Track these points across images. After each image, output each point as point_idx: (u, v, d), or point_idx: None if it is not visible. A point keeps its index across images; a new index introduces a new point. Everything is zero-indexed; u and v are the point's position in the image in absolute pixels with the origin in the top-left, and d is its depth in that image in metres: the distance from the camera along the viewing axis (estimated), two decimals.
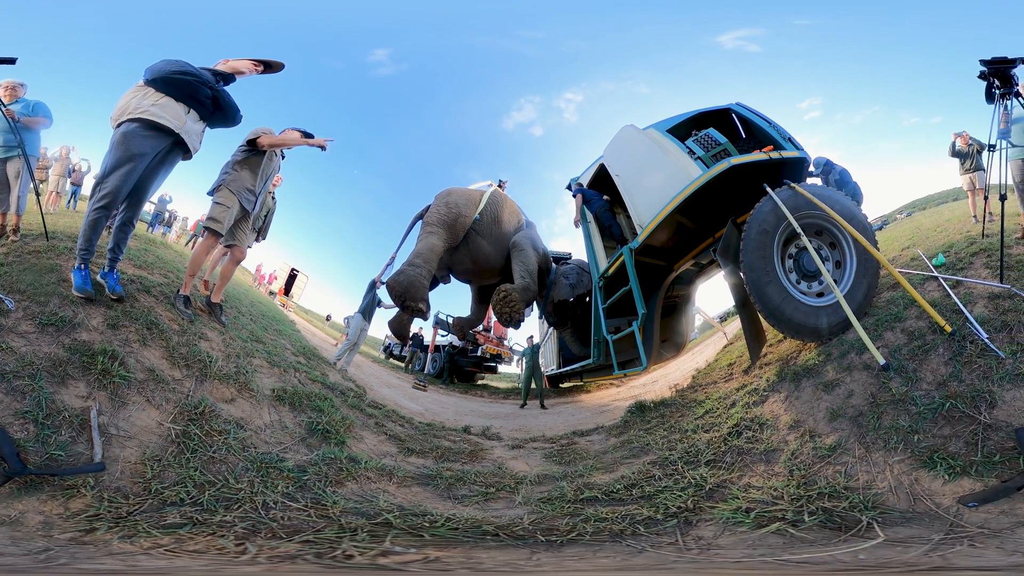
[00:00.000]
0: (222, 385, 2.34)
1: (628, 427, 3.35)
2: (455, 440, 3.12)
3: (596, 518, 1.75)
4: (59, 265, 2.55)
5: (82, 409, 1.75)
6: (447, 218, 4.85)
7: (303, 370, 3.29)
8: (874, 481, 1.78)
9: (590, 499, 2.00)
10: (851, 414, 2.23)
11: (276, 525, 1.53)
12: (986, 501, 1.45)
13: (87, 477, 1.53)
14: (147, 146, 2.18)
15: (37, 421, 1.63)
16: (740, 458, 2.24)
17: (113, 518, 1.42)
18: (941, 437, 1.86)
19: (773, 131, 3.49)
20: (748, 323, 3.46)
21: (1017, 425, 1.71)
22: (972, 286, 2.54)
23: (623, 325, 4.27)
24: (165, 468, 1.71)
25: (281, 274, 12.12)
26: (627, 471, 2.34)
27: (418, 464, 2.47)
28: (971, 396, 1.91)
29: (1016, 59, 2.36)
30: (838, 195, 3.11)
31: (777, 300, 3.04)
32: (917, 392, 2.10)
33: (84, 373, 1.89)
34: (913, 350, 2.32)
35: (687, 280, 4.74)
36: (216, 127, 2.58)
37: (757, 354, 3.43)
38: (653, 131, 4.02)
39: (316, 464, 2.03)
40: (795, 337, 3.08)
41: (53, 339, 1.98)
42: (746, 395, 2.99)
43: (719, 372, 3.87)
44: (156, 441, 1.82)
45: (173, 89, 2.24)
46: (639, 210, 4.13)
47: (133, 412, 1.87)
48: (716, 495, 1.90)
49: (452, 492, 2.10)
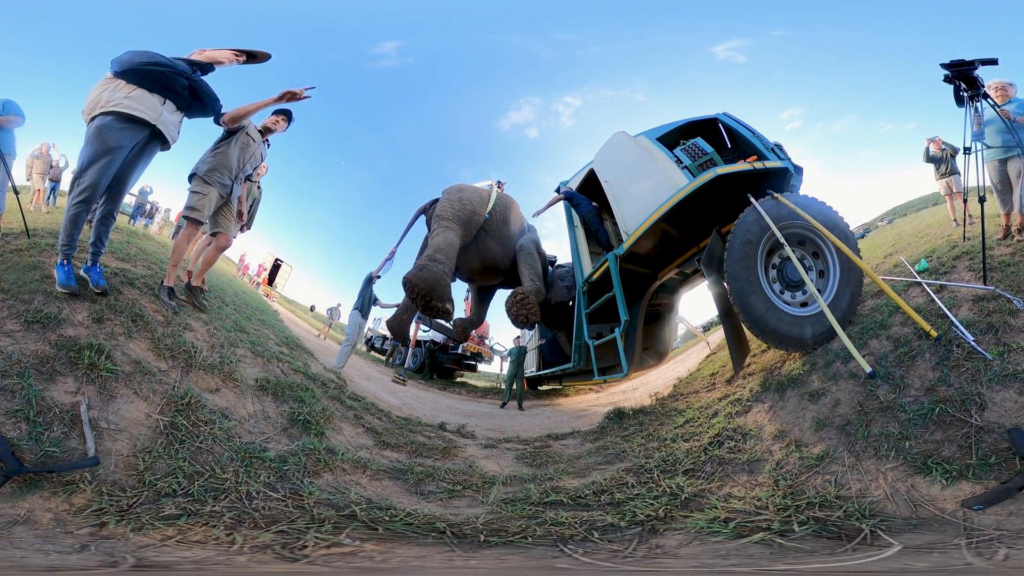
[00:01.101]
0: (207, 375, 2.36)
1: (605, 433, 3.26)
2: (430, 436, 3.12)
3: (553, 522, 1.69)
4: (42, 262, 2.53)
5: (72, 404, 1.76)
6: (462, 214, 4.58)
7: (286, 360, 3.31)
8: (867, 489, 1.72)
9: (554, 503, 1.94)
10: (838, 423, 2.18)
11: (258, 515, 1.57)
12: (990, 503, 1.43)
13: (83, 472, 1.54)
14: (124, 139, 2.16)
15: (29, 419, 1.63)
16: (721, 468, 2.15)
17: (117, 511, 1.45)
18: (933, 442, 1.83)
19: (757, 141, 3.56)
20: (731, 333, 3.38)
21: (1009, 426, 1.69)
22: (956, 289, 2.53)
23: (605, 331, 4.17)
24: (156, 459, 1.73)
25: (265, 264, 12.03)
26: (599, 477, 2.29)
27: (392, 458, 2.48)
28: (960, 400, 1.88)
29: (974, 61, 2.44)
30: (820, 204, 3.13)
31: (761, 310, 2.98)
32: (905, 399, 2.07)
33: (72, 369, 1.89)
34: (899, 357, 2.28)
35: (671, 289, 4.70)
36: (195, 117, 2.54)
37: (740, 364, 3.33)
38: (643, 139, 4.07)
39: (296, 455, 2.07)
40: (779, 347, 3.00)
41: (39, 336, 1.97)
42: (729, 405, 2.90)
43: (701, 382, 3.78)
44: (146, 433, 1.83)
45: (146, 80, 2.20)
46: (626, 217, 4.11)
47: (122, 405, 1.88)
48: (692, 505, 1.82)
49: (420, 488, 2.11)
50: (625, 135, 4.21)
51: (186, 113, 2.44)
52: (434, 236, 4.38)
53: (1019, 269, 2.50)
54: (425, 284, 3.99)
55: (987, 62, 2.44)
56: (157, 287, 2.87)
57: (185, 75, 2.30)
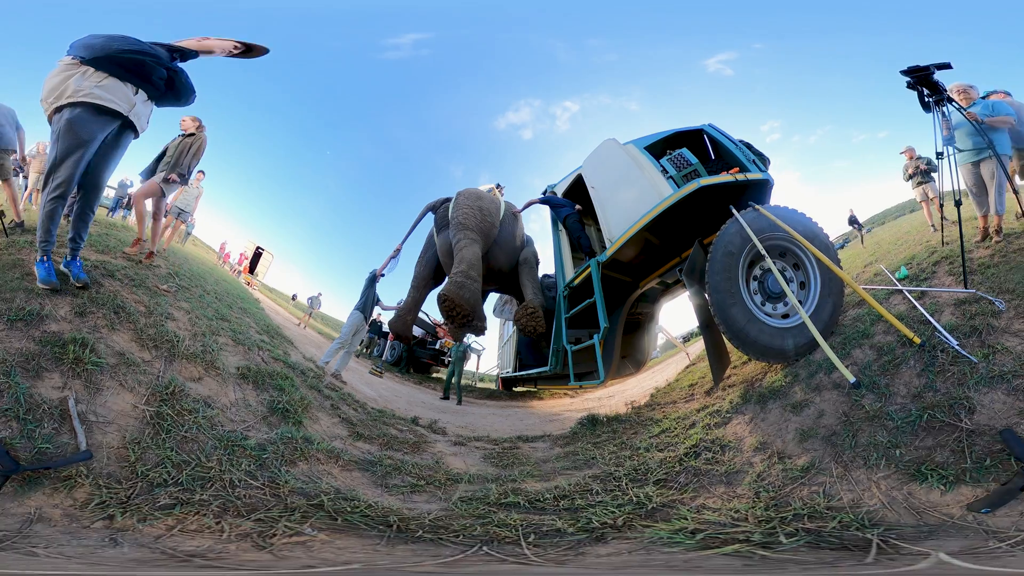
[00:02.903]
0: (190, 364, 2.37)
1: (576, 438, 3.13)
2: (402, 430, 3.14)
3: (499, 523, 1.65)
4: (22, 260, 2.52)
5: (60, 400, 1.76)
6: (483, 225, 4.63)
7: (267, 348, 3.34)
8: (861, 499, 1.63)
9: (510, 504, 1.87)
10: (823, 434, 2.09)
11: (240, 504, 1.61)
12: (996, 506, 1.35)
13: (79, 466, 1.56)
14: (96, 131, 2.07)
15: (19, 417, 1.64)
16: (696, 479, 2.06)
17: (118, 504, 1.48)
18: (925, 449, 1.73)
19: (740, 153, 3.61)
20: (712, 344, 3.27)
21: (1000, 427, 1.63)
22: (937, 295, 2.49)
23: (584, 337, 4.00)
24: (145, 450, 1.75)
25: (246, 252, 11.75)
26: (564, 482, 2.17)
27: (364, 449, 2.51)
28: (949, 404, 1.82)
29: (929, 66, 2.51)
30: (800, 216, 3.13)
31: (742, 322, 2.89)
32: (892, 407, 2.00)
33: (57, 364, 1.90)
34: (884, 365, 2.20)
35: (652, 298, 4.63)
36: (164, 106, 2.40)
37: (720, 376, 3.19)
38: (632, 147, 4.10)
39: (275, 443, 2.11)
40: (761, 359, 2.89)
41: (23, 334, 1.97)
42: (707, 416, 2.75)
43: (679, 392, 3.63)
44: (133, 424, 1.85)
45: (120, 68, 2.07)
46: (610, 224, 4.07)
47: (109, 397, 1.89)
48: (659, 515, 1.74)
49: (386, 480, 2.14)
50: (615, 142, 4.25)
51: (157, 102, 2.32)
52: (463, 249, 4.33)
53: (999, 270, 2.50)
54: (468, 304, 4.03)
55: (941, 66, 2.52)
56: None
57: (165, 64, 2.17)
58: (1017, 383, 1.73)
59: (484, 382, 8.92)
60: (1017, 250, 2.68)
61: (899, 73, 2.56)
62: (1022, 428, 1.57)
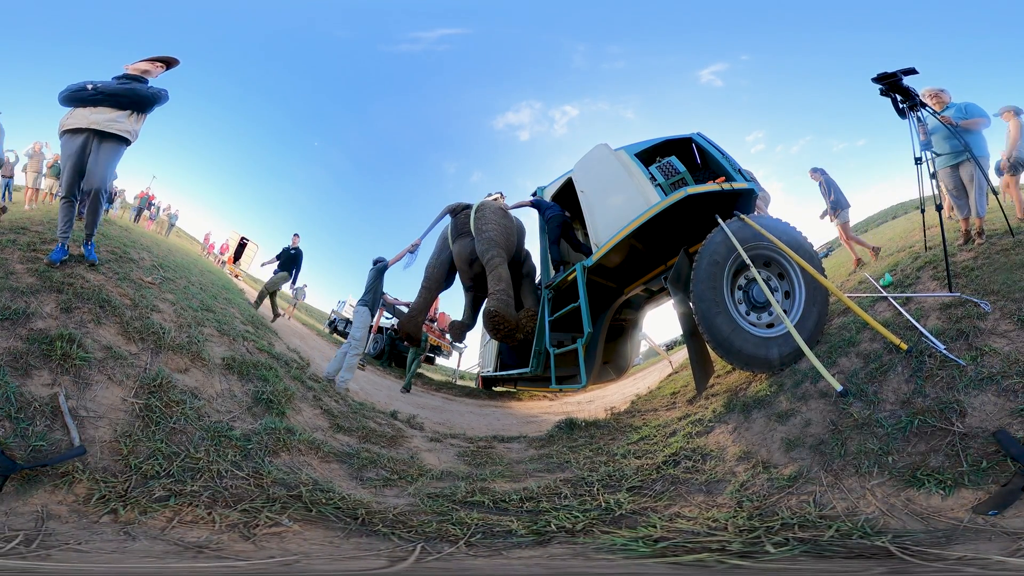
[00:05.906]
0: (176, 356, 2.37)
1: (552, 441, 2.96)
2: (381, 423, 3.11)
3: (456, 522, 1.62)
4: (4, 259, 2.53)
5: (50, 397, 1.75)
6: (508, 243, 4.97)
7: (251, 339, 3.34)
8: (856, 507, 1.55)
9: (475, 503, 1.82)
10: (811, 443, 2.00)
11: (227, 494, 1.63)
12: (1002, 507, 1.28)
13: (74, 462, 1.56)
14: (73, 146, 2.73)
15: (11, 416, 1.63)
16: (673, 487, 1.96)
17: (117, 497, 1.48)
18: (918, 454, 1.65)
19: (726, 162, 3.64)
20: (696, 353, 3.18)
21: (993, 429, 1.56)
22: (922, 300, 2.45)
23: (567, 341, 3.85)
24: (137, 443, 1.75)
25: (231, 243, 11.48)
26: (533, 484, 2.04)
27: (343, 442, 2.51)
28: (939, 409, 1.76)
29: (896, 72, 2.54)
30: (784, 225, 3.12)
31: (727, 331, 2.81)
32: (882, 414, 1.91)
33: (46, 361, 1.89)
34: (871, 372, 2.13)
35: (636, 305, 4.54)
36: (147, 111, 2.96)
37: (704, 384, 3.07)
38: (623, 153, 4.10)
39: (259, 433, 2.11)
40: (745, 368, 2.80)
41: (10, 332, 1.96)
42: (689, 425, 2.62)
43: (661, 400, 3.49)
44: (123, 417, 1.85)
45: (72, 102, 2.84)
46: (598, 229, 4.02)
47: (98, 392, 1.89)
48: (625, 521, 1.65)
49: (361, 473, 2.13)
50: (606, 147, 4.25)
51: (135, 111, 2.85)
52: (498, 267, 4.62)
53: (983, 272, 2.48)
54: (514, 319, 4.39)
55: (907, 72, 2.57)
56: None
57: (85, 87, 2.77)
58: (1007, 384, 1.67)
59: (464, 380, 8.58)
60: (1000, 251, 2.69)
61: (871, 80, 2.60)
62: (1015, 429, 1.50)
